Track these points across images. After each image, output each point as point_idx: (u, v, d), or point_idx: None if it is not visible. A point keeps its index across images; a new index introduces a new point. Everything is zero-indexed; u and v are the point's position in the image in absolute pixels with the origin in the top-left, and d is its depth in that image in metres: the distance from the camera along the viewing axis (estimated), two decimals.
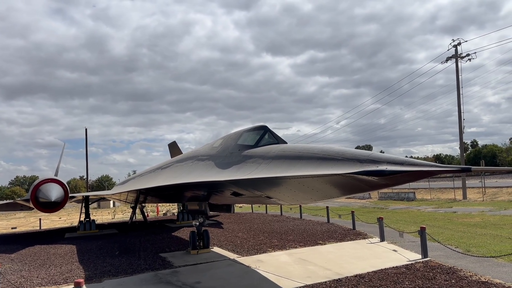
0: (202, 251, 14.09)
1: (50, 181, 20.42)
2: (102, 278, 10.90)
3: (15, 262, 14.22)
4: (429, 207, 29.62)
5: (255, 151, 9.25)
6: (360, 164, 6.25)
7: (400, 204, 34.84)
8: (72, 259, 14.16)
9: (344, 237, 15.96)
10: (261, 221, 23.99)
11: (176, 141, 30.61)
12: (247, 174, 8.39)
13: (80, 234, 23.14)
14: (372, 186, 6.33)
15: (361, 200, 44.80)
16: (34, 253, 16.29)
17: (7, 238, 23.23)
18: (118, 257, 13.95)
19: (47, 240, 20.78)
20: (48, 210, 20.25)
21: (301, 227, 19.93)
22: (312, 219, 23.40)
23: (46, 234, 24.62)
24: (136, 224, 26.62)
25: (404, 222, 20.44)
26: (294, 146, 8.36)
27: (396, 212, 26.76)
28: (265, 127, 9.87)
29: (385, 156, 6.24)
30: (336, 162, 6.68)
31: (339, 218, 22.25)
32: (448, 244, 13.23)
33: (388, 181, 5.98)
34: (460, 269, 9.82)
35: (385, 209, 30.78)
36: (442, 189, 44.86)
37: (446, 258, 11.14)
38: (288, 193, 7.92)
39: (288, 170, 7.46)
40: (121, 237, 20.25)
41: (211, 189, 11.07)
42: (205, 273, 10.94)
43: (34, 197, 19.53)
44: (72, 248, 16.99)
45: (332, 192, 7.04)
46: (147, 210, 41.71)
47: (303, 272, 10.50)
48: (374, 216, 24.24)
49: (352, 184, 6.43)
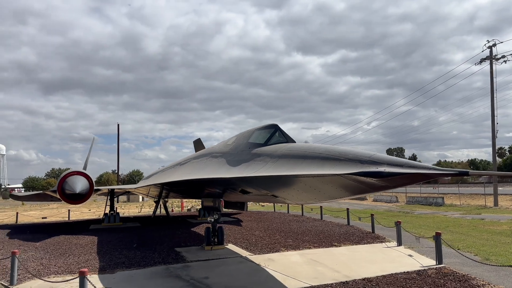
0: (216, 247, 14.22)
1: (76, 173, 21.08)
2: (115, 270, 11.21)
3: (38, 250, 14.81)
4: (456, 213, 28.70)
5: (264, 149, 9.27)
6: (361, 165, 6.16)
7: (427, 209, 33.92)
8: (91, 250, 14.60)
9: (361, 240, 15.71)
10: (281, 220, 23.95)
11: (200, 138, 30.98)
12: (253, 172, 8.43)
13: (104, 226, 23.82)
14: (373, 188, 6.22)
15: (388, 204, 43.91)
16: (57, 242, 16.89)
17: (36, 227, 24.20)
18: (134, 250, 14.29)
19: (72, 230, 21.50)
20: (73, 201, 20.91)
21: (319, 228, 19.76)
22: (333, 221, 23.14)
23: (73, 225, 25.47)
24: (159, 219, 27.17)
25: (427, 227, 19.89)
26: (300, 146, 8.32)
27: (421, 217, 26.08)
28: (276, 126, 9.87)
29: (386, 157, 6.13)
30: (338, 162, 6.62)
31: (360, 221, 21.87)
32: (467, 251, 12.82)
33: (387, 182, 5.87)
34: (474, 277, 9.48)
35: (410, 213, 30.05)
36: (473, 195, 43.38)
37: (462, 266, 10.78)
38: (291, 192, 7.90)
39: (292, 169, 7.44)
40: (142, 231, 20.72)
41: (220, 185, 11.16)
42: (214, 269, 11.05)
43: (60, 188, 20.22)
44: (94, 240, 17.51)
45: (334, 193, 6.96)
46: (173, 206, 42.46)
47: (311, 273, 10.43)
48: (399, 220, 23.71)
49: (352, 185, 6.34)
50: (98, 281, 9.95)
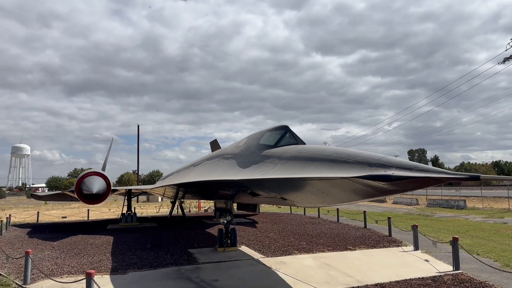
0: (228, 249, 14.15)
1: (94, 174, 21.35)
2: (127, 270, 11.26)
3: (54, 250, 15.04)
4: (478, 217, 27.87)
5: (273, 151, 9.13)
6: (369, 168, 5.97)
7: (447, 212, 33.07)
8: (106, 250, 14.73)
9: (377, 244, 15.39)
10: (297, 222, 23.73)
11: (217, 139, 31.01)
12: (261, 174, 8.30)
13: (121, 226, 24.08)
14: (382, 192, 6.02)
15: (407, 206, 43.07)
16: (74, 242, 17.13)
17: (55, 227, 24.66)
18: (148, 251, 14.35)
19: (90, 230, 21.80)
20: (90, 201, 21.17)
21: (335, 231, 19.47)
22: (349, 223, 22.78)
23: (91, 224, 25.85)
24: (176, 219, 27.30)
25: (447, 231, 19.35)
26: (309, 148, 8.15)
27: (440, 221, 25.43)
28: (286, 127, 9.72)
29: (395, 160, 5.91)
30: (346, 165, 6.44)
31: (376, 224, 21.46)
32: (486, 257, 12.39)
33: (396, 186, 5.66)
34: (492, 285, 9.12)
35: (430, 216, 29.34)
36: (496, 198, 42.14)
37: (480, 272, 10.40)
38: (300, 195, 7.74)
39: (300, 172, 7.29)
40: (157, 231, 20.84)
41: (230, 187, 11.07)
42: (225, 272, 10.97)
43: (78, 188, 20.51)
44: (109, 240, 17.69)
45: (343, 196, 6.77)
46: (190, 206, 42.62)
47: (323, 277, 10.24)
48: (418, 223, 23.14)
49: (361, 188, 6.15)
50: (109, 281, 10.01)
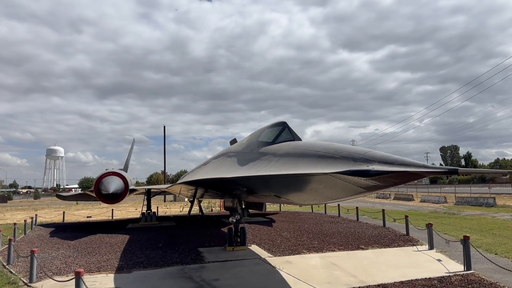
0: (238, 248, 14.04)
1: (112, 174, 21.71)
2: (132, 269, 11.34)
3: (70, 249, 15.37)
4: (507, 215, 26.66)
5: (270, 148, 8.98)
6: (353, 163, 5.73)
7: (476, 210, 31.82)
8: (118, 249, 14.93)
9: (392, 243, 14.92)
10: (315, 221, 23.38)
11: (236, 138, 31.01)
12: (255, 171, 8.15)
13: (141, 225, 24.41)
14: (366, 188, 5.76)
15: (435, 204, 41.75)
16: (91, 241, 17.47)
17: (78, 226, 25.28)
18: (157, 250, 14.44)
19: (109, 229, 22.19)
20: (109, 201, 21.54)
21: (351, 229, 19.05)
22: (369, 222, 22.24)
23: (113, 224, 26.32)
24: (196, 218, 27.45)
25: (469, 229, 18.56)
26: (302, 144, 7.94)
27: (466, 219, 24.45)
28: (284, 124, 9.56)
29: (379, 154, 5.64)
30: (332, 160, 6.21)
31: (396, 223, 20.84)
32: (504, 257, 11.80)
33: (378, 181, 5.40)
34: (503, 286, 8.63)
35: (456, 215, 28.29)
36: None
37: (494, 272, 9.86)
38: (290, 192, 7.55)
39: (290, 168, 7.10)
40: (174, 230, 21.01)
41: (227, 186, 10.96)
42: (228, 271, 10.88)
43: (97, 188, 20.91)
44: (124, 238, 17.94)
45: (330, 193, 6.54)
46: (214, 205, 42.84)
47: (325, 277, 9.98)
48: (440, 222, 22.47)
49: (345, 184, 5.92)
50: (112, 280, 10.11)
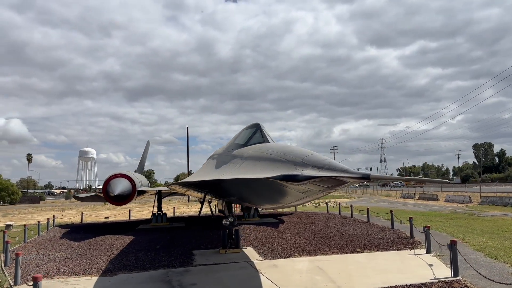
0: (231, 250, 13.92)
1: (119, 176, 22.04)
2: (117, 272, 11.42)
3: (70, 251, 15.67)
4: None
5: (240, 150, 8.83)
6: (293, 167, 5.51)
7: (498, 210, 30.45)
8: (115, 251, 15.10)
9: (391, 246, 14.44)
10: (324, 223, 22.94)
11: None
12: (220, 175, 8.00)
13: (151, 226, 24.67)
14: (303, 193, 5.52)
15: (459, 204, 40.27)
16: (95, 242, 17.73)
17: (92, 227, 25.80)
18: (150, 252, 14.51)
19: (119, 230, 22.45)
20: (116, 202, 21.93)
21: (356, 232, 18.56)
22: (379, 224, 21.62)
23: (126, 225, 26.68)
24: (206, 219, 27.50)
25: (480, 231, 17.72)
26: (264, 146, 7.74)
27: (483, 220, 23.39)
28: (257, 125, 9.38)
29: (316, 159, 5.38)
30: (279, 164, 6.01)
31: (403, 224, 20.14)
32: (503, 262, 11.17)
33: (309, 186, 5.16)
34: None
35: (476, 215, 27.14)
36: None
37: (482, 280, 9.29)
38: (247, 196, 7.35)
39: (247, 172, 6.91)
40: (179, 231, 21.12)
41: (205, 188, 10.81)
42: (210, 275, 10.80)
43: (105, 190, 21.29)
44: (127, 240, 18.14)
45: (278, 197, 6.31)
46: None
47: (304, 282, 9.72)
48: (453, 223, 21.61)
49: (284, 189, 5.69)
50: (92, 284, 10.18)
